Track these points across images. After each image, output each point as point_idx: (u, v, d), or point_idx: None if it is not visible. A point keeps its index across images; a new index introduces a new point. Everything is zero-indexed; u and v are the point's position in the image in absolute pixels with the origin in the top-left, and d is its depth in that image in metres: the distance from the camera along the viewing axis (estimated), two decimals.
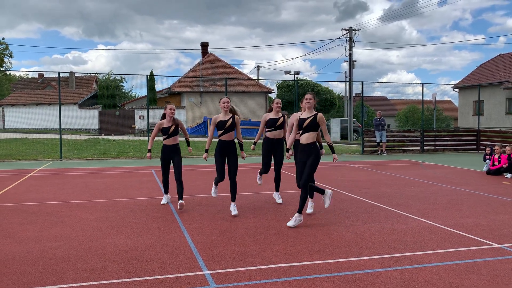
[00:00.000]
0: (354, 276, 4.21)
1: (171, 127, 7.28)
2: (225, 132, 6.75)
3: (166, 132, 7.29)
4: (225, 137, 6.77)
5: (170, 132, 7.27)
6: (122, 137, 27.73)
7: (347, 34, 33.33)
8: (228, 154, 6.82)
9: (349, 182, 10.33)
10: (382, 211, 7.17)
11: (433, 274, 4.28)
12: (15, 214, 6.90)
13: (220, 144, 6.80)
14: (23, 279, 4.14)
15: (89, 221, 6.44)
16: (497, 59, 36.72)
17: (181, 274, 4.26)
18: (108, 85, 40.80)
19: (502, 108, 32.27)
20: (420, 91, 52.88)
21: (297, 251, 5.00)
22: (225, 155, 6.82)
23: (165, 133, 7.32)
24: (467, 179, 10.90)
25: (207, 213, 7.01)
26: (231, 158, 6.83)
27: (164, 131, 7.30)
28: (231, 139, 6.82)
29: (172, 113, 7.29)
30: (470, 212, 7.10)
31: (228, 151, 6.80)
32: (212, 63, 38.85)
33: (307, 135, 6.12)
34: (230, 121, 6.75)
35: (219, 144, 6.80)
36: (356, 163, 14.74)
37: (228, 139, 6.78)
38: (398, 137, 20.38)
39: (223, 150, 6.79)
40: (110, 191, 9.06)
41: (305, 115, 6.21)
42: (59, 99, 16.72)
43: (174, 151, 7.36)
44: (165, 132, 7.31)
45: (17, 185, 9.93)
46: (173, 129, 7.28)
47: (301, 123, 6.16)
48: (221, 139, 6.79)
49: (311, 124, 6.08)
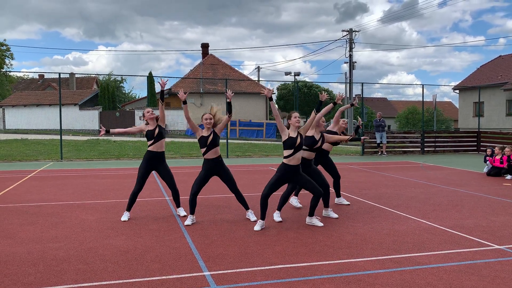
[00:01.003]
0: (355, 277, 4.21)
1: (155, 129, 6.57)
2: (209, 149, 6.17)
3: (152, 136, 6.56)
4: (209, 155, 6.20)
5: (155, 135, 6.55)
6: (123, 138, 27.74)
7: (347, 36, 33.37)
8: (217, 172, 6.29)
9: (349, 183, 10.33)
10: (383, 212, 7.17)
11: (434, 275, 4.28)
12: (15, 215, 6.91)
13: (206, 163, 6.24)
14: (24, 279, 4.14)
15: (90, 222, 6.44)
16: (497, 61, 36.73)
17: (181, 275, 4.26)
18: (108, 86, 40.83)
19: (502, 110, 32.27)
20: (420, 92, 52.89)
21: (297, 252, 5.00)
22: (213, 174, 6.29)
23: (150, 138, 6.58)
24: (468, 181, 10.90)
25: (207, 214, 7.01)
26: (222, 175, 6.31)
27: (149, 135, 6.57)
28: (216, 156, 6.24)
29: (150, 117, 6.56)
30: (470, 213, 7.10)
31: (216, 169, 6.26)
32: (212, 64, 38.88)
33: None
34: (211, 136, 6.16)
35: (205, 163, 6.24)
36: (356, 164, 14.75)
37: (212, 156, 6.21)
38: (398, 138, 20.39)
39: (209, 171, 6.24)
40: (110, 192, 9.06)
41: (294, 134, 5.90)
42: (60, 100, 16.73)
43: (160, 159, 6.62)
44: (150, 137, 6.57)
45: (17, 185, 9.93)
46: (157, 132, 6.55)
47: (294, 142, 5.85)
48: (206, 158, 6.23)
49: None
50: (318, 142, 6.61)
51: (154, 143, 6.56)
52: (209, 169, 6.27)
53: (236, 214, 6.95)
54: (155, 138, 6.55)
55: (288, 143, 5.83)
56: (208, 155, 6.22)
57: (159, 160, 6.62)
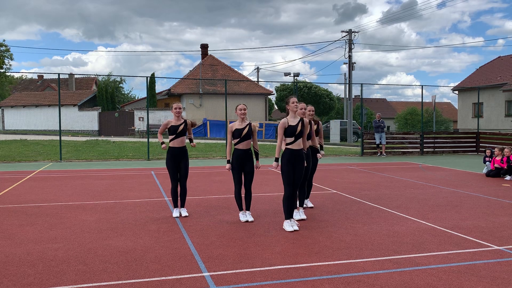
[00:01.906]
0: (354, 278, 4.21)
1: (180, 126, 6.84)
2: (242, 141, 6.47)
3: (174, 131, 6.83)
4: (241, 146, 6.50)
5: (178, 131, 6.81)
6: (122, 139, 27.73)
7: (346, 36, 33.38)
8: (245, 164, 6.54)
9: (348, 184, 10.34)
10: (382, 213, 7.17)
11: (433, 276, 4.28)
12: (14, 216, 6.90)
13: (236, 153, 6.52)
14: (23, 280, 4.14)
15: (89, 223, 6.44)
16: (496, 61, 36.77)
17: (181, 276, 4.26)
18: (107, 86, 40.81)
19: (501, 110, 32.31)
20: (420, 93, 52.93)
21: (296, 253, 5.00)
22: (243, 165, 6.54)
23: (172, 133, 6.86)
24: (467, 181, 10.91)
25: (206, 214, 7.01)
26: (248, 166, 6.56)
27: (171, 130, 6.84)
28: (248, 148, 6.55)
29: (178, 111, 6.87)
30: (469, 214, 7.10)
31: (245, 160, 6.51)
32: (212, 65, 38.88)
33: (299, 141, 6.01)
34: (246, 129, 6.46)
35: (236, 153, 6.52)
36: (356, 165, 14.75)
37: (244, 147, 6.51)
38: (398, 139, 20.40)
39: (240, 160, 6.50)
40: (109, 193, 9.05)
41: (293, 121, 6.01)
42: (59, 101, 16.73)
43: (182, 154, 6.88)
44: (172, 132, 6.85)
45: (16, 186, 9.92)
46: (181, 128, 6.84)
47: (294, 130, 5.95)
48: (238, 148, 6.53)
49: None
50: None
51: (174, 139, 6.82)
52: (239, 158, 6.48)
53: (235, 215, 6.95)
54: (177, 134, 6.81)
55: (288, 132, 5.98)
56: (240, 146, 6.48)
57: (182, 156, 6.87)
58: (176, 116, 6.88)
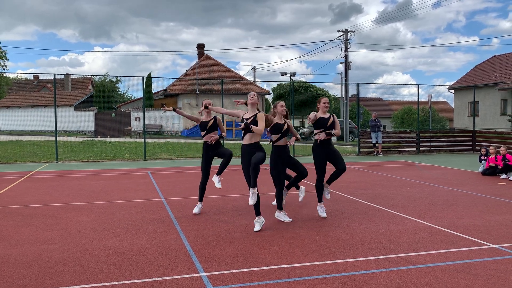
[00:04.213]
0: (351, 277, 4.22)
1: (209, 121, 7.02)
2: (281, 137, 6.48)
3: (204, 127, 7.03)
4: (281, 142, 6.49)
5: (208, 127, 6.99)
6: (118, 139, 27.66)
7: (342, 36, 33.43)
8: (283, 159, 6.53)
9: (345, 183, 10.35)
10: (378, 212, 7.18)
11: (429, 274, 4.29)
12: (10, 217, 6.87)
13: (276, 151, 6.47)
14: (19, 282, 4.12)
15: (85, 224, 6.42)
16: (492, 60, 36.91)
17: (177, 276, 4.25)
18: (104, 87, 40.69)
19: (497, 109, 32.44)
20: (416, 92, 53.08)
21: (293, 252, 5.00)
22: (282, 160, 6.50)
23: (203, 129, 7.07)
24: (463, 180, 10.94)
25: (203, 214, 7.00)
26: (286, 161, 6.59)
27: (202, 126, 7.06)
28: (286, 143, 6.55)
29: (207, 111, 7.00)
30: (465, 212, 7.12)
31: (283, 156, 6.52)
32: (208, 65, 38.85)
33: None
34: (285, 125, 6.49)
35: (275, 151, 6.47)
36: (352, 164, 14.77)
37: (283, 143, 6.51)
38: (394, 138, 20.44)
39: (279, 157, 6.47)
40: (106, 193, 9.03)
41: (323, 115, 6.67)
42: (55, 101, 16.67)
43: (215, 147, 7.01)
44: (203, 128, 7.06)
45: (12, 187, 9.88)
46: (211, 123, 7.01)
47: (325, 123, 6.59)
48: (276, 145, 6.50)
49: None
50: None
51: (206, 134, 7.03)
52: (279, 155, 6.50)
53: (232, 215, 6.95)
54: (208, 130, 7.02)
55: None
56: (280, 142, 6.53)
57: (215, 147, 7.02)
58: (206, 113, 7.09)
